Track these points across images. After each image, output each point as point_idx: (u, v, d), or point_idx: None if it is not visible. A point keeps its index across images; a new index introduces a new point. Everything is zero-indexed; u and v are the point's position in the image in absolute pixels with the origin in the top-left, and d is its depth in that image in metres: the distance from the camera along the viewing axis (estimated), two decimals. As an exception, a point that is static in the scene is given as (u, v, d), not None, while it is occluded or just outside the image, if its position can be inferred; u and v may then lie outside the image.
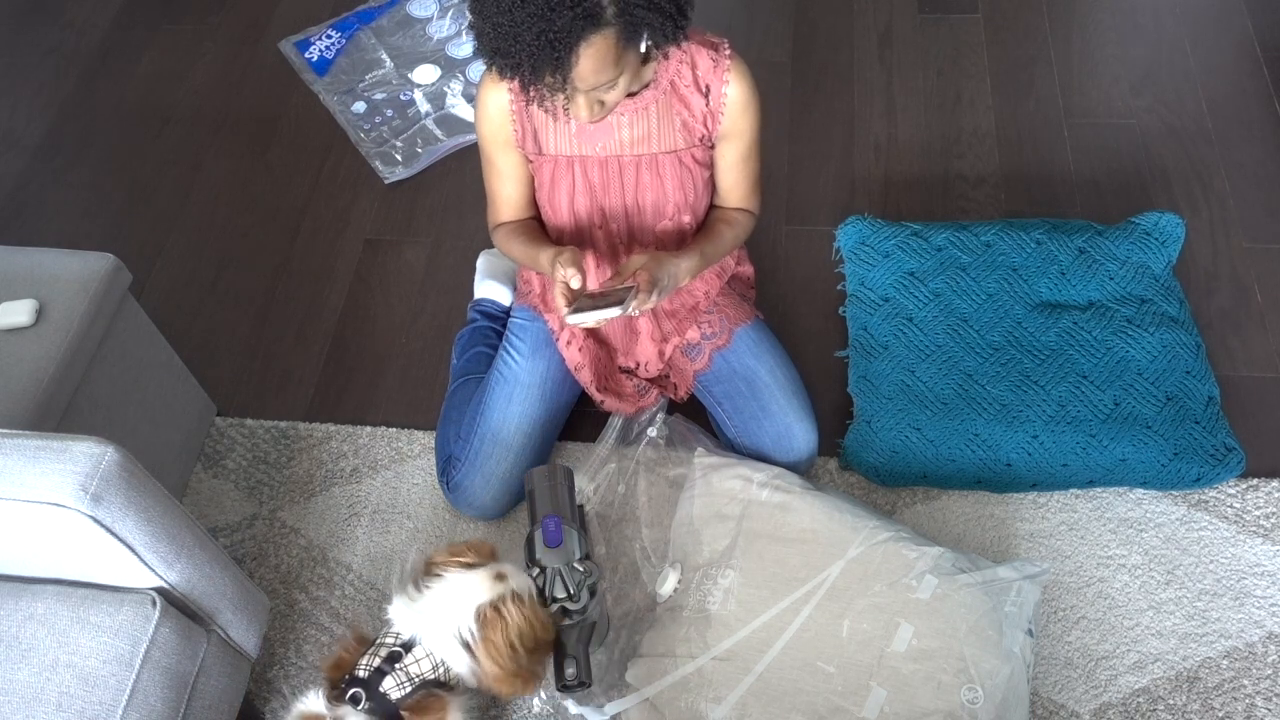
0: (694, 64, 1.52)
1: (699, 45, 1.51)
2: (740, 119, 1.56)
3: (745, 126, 1.58)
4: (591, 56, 1.29)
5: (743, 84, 1.54)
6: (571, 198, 1.61)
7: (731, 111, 1.55)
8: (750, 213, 1.71)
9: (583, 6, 1.24)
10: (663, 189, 1.59)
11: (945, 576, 1.51)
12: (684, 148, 1.57)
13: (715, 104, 1.54)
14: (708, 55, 1.51)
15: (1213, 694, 1.59)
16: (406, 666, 1.33)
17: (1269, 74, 2.35)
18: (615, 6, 1.27)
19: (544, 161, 1.59)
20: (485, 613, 1.32)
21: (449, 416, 1.85)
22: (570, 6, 1.23)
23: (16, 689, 1.25)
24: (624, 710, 1.54)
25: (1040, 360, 1.83)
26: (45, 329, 1.56)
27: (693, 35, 1.50)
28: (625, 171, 1.58)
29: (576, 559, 1.47)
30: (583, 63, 1.30)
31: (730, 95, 1.53)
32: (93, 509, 1.20)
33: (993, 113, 2.37)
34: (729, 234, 1.66)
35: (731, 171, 1.64)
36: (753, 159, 1.64)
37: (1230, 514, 1.75)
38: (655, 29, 1.34)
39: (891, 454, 1.78)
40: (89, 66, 2.67)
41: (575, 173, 1.58)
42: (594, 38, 1.27)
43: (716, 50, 1.52)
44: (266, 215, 2.33)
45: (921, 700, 1.43)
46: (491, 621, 1.32)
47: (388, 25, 2.66)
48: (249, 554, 1.83)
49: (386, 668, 1.33)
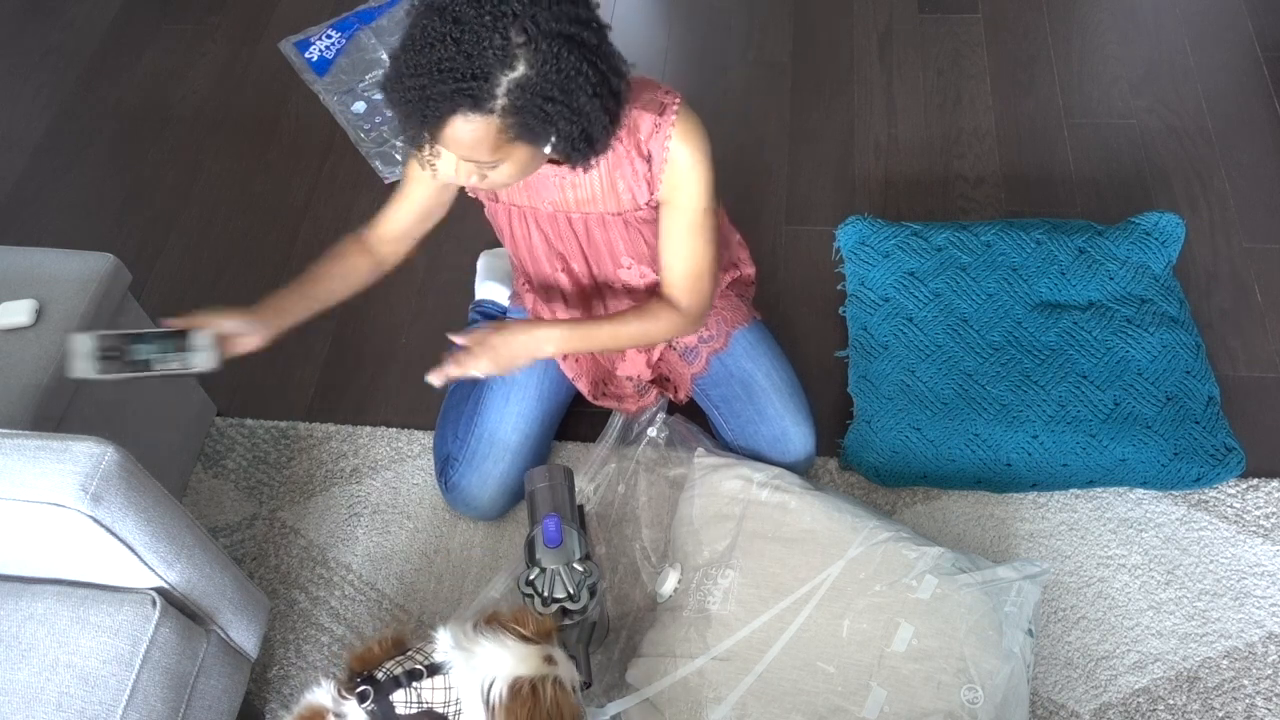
0: (636, 128, 1.40)
1: (642, 109, 1.38)
2: (681, 186, 1.43)
3: (688, 195, 1.44)
4: (464, 132, 1.20)
5: (685, 147, 1.40)
6: (529, 243, 1.61)
7: (670, 176, 1.42)
8: (674, 309, 1.53)
9: (469, 86, 1.15)
10: (613, 244, 1.57)
11: (945, 576, 1.51)
12: (629, 209, 1.49)
13: (657, 169, 1.42)
14: (651, 119, 1.39)
15: (1213, 694, 1.59)
16: (421, 688, 1.30)
17: (1269, 74, 2.35)
18: (506, 101, 1.17)
19: (498, 208, 1.58)
20: (522, 686, 1.28)
21: (447, 416, 1.85)
22: (456, 80, 1.15)
23: (16, 689, 1.25)
24: (624, 710, 1.54)
25: (1040, 360, 1.83)
26: (45, 329, 1.56)
27: (643, 91, 1.39)
28: (575, 225, 1.55)
29: (576, 559, 1.48)
30: (452, 133, 1.21)
31: (670, 158, 1.41)
32: (93, 509, 1.20)
33: (993, 113, 2.37)
34: (633, 324, 1.53)
35: (669, 243, 1.49)
36: (696, 239, 1.47)
37: (1230, 514, 1.75)
38: (559, 147, 1.25)
39: (891, 454, 1.78)
40: (89, 66, 2.67)
41: (529, 221, 1.57)
42: (473, 116, 1.18)
43: (662, 112, 1.39)
44: (266, 215, 2.33)
45: (921, 700, 1.43)
46: (523, 698, 1.28)
47: (388, 25, 2.66)
48: (249, 554, 1.83)
49: (404, 680, 1.30)
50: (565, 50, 1.17)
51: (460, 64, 1.14)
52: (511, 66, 1.16)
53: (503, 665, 1.30)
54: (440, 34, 1.15)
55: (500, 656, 1.30)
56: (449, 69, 1.15)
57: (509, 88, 1.17)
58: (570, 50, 1.18)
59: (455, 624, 1.35)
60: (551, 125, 1.21)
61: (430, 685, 1.31)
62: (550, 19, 1.16)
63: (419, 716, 1.30)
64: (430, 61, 1.15)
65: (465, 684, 1.30)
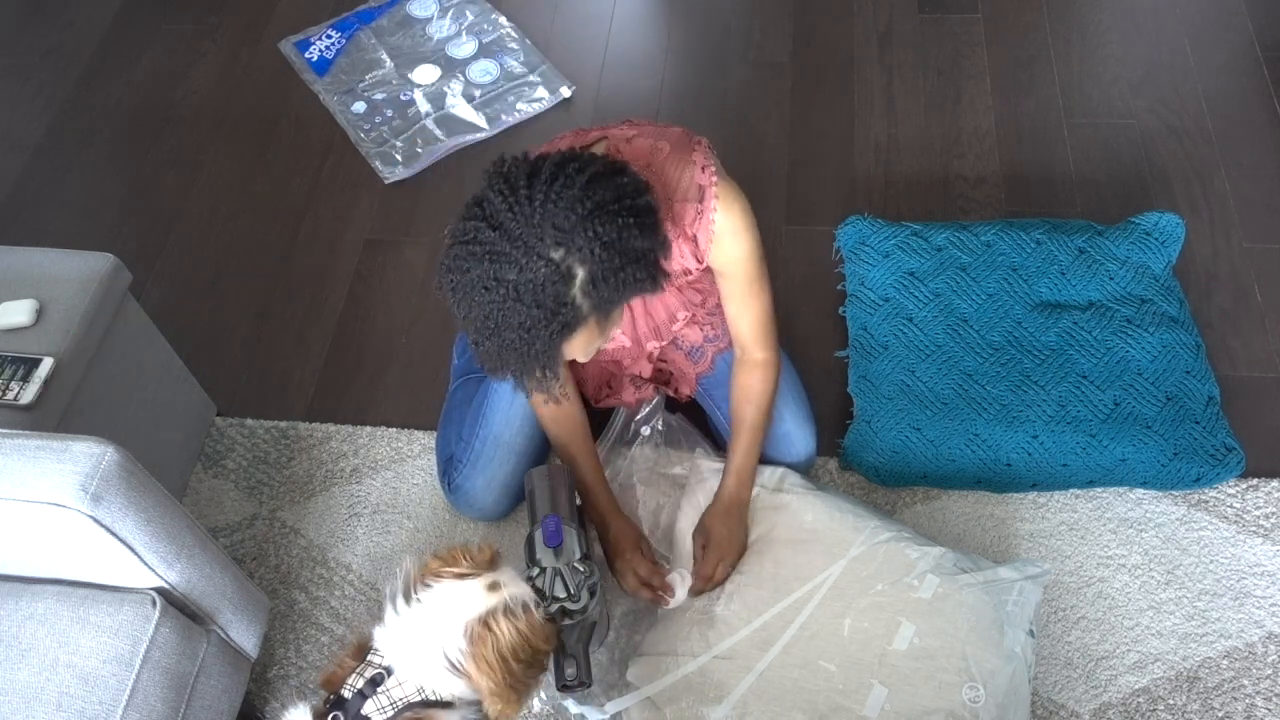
0: (680, 218, 1.43)
1: (683, 201, 1.42)
2: (731, 254, 1.47)
3: (739, 260, 1.49)
4: (576, 346, 1.27)
5: (729, 220, 1.43)
6: None
7: (719, 250, 1.46)
8: (766, 361, 1.62)
9: (556, 321, 1.19)
10: (670, 304, 1.60)
11: (947, 576, 1.51)
12: (678, 276, 1.52)
13: (704, 246, 1.46)
14: (693, 209, 1.42)
15: (1213, 694, 1.59)
16: (390, 690, 1.28)
17: (1269, 74, 2.35)
18: (588, 302, 1.20)
19: None
20: (474, 629, 1.27)
21: (450, 417, 1.84)
22: (545, 325, 1.19)
23: (16, 689, 1.25)
24: (625, 708, 1.54)
25: (1040, 360, 1.83)
26: (45, 329, 1.56)
27: (676, 172, 1.41)
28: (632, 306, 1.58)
29: (576, 559, 1.47)
30: (570, 353, 1.28)
31: (716, 234, 1.44)
32: (93, 509, 1.20)
33: (993, 113, 2.37)
34: (749, 414, 1.62)
35: (732, 305, 1.56)
36: (757, 292, 1.55)
37: (1230, 514, 1.75)
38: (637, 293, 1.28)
39: (891, 454, 1.78)
40: (89, 66, 2.67)
41: None
42: (574, 335, 1.24)
43: (701, 198, 1.42)
44: (266, 215, 2.33)
45: (923, 699, 1.43)
46: (481, 637, 1.27)
47: (388, 25, 2.66)
48: (249, 554, 1.83)
49: (369, 691, 1.27)
50: (598, 225, 1.18)
51: (537, 315, 1.18)
52: (571, 276, 1.18)
53: (448, 620, 1.27)
54: (503, 296, 1.17)
55: (440, 612, 1.28)
56: (536, 323, 1.18)
57: (583, 292, 1.20)
58: (602, 222, 1.18)
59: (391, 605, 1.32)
60: (633, 285, 1.23)
61: (396, 682, 1.28)
62: (566, 217, 1.17)
63: (402, 713, 1.27)
64: (518, 322, 1.18)
65: (422, 669, 1.28)
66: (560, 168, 1.20)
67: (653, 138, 1.43)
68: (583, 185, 1.19)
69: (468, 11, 2.66)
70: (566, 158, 1.22)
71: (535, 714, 1.62)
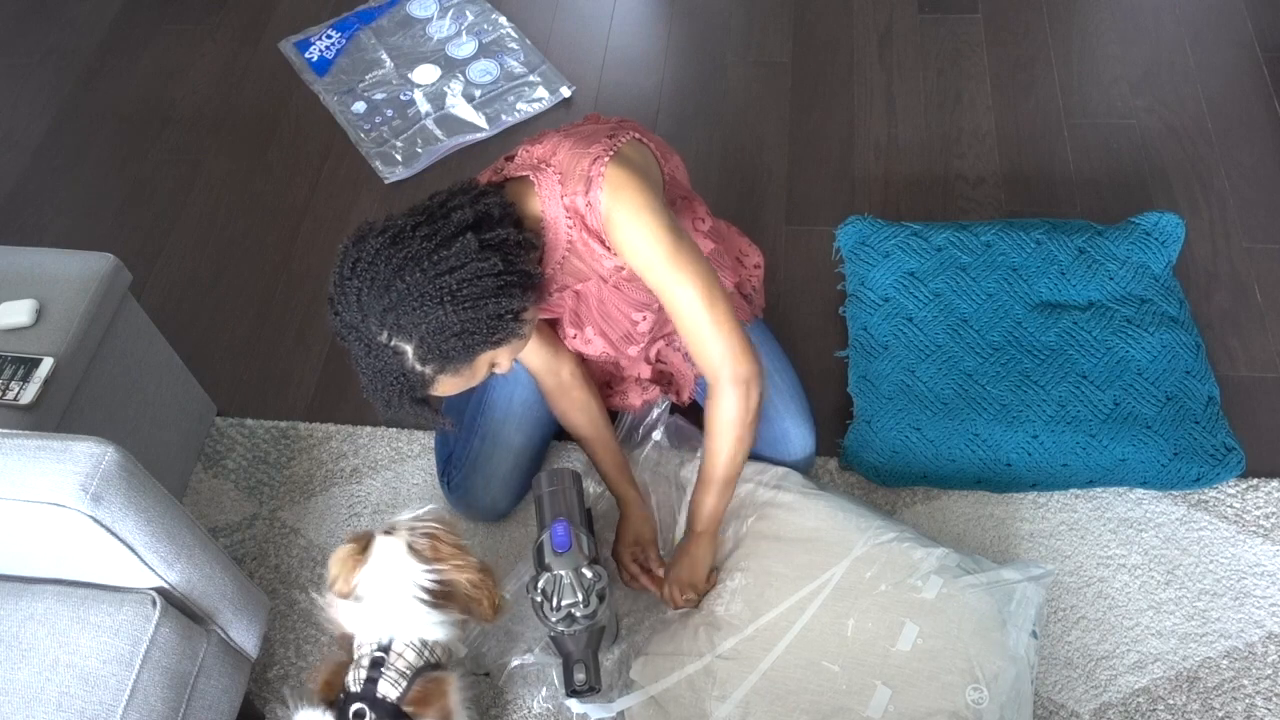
0: (579, 214, 1.36)
1: (574, 196, 1.35)
2: (629, 246, 1.36)
3: (642, 252, 1.35)
4: (443, 389, 1.32)
5: (615, 209, 1.33)
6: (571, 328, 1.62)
7: (617, 242, 1.37)
8: (722, 385, 1.42)
9: (408, 382, 1.27)
10: (621, 313, 1.57)
11: (950, 577, 1.51)
12: (610, 274, 1.47)
13: (609, 240, 1.39)
14: (584, 202, 1.35)
15: (1213, 694, 1.59)
16: (394, 664, 1.32)
17: (1269, 74, 2.35)
18: (433, 365, 1.26)
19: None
20: (419, 546, 1.36)
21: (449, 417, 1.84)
22: (400, 388, 1.27)
23: (16, 689, 1.25)
24: (628, 707, 1.54)
25: (1040, 360, 1.83)
26: (45, 329, 1.56)
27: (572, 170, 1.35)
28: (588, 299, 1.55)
29: (585, 564, 1.47)
30: (439, 392, 1.32)
31: (603, 210, 1.34)
32: (93, 509, 1.20)
33: (993, 113, 2.37)
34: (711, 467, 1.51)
35: (667, 306, 1.41)
36: (685, 283, 1.36)
37: (1230, 514, 1.75)
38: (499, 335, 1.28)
39: (892, 454, 1.78)
40: (89, 66, 2.67)
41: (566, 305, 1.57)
42: (436, 387, 1.31)
43: (588, 189, 1.34)
44: (266, 215, 2.33)
45: (926, 699, 1.43)
46: (431, 547, 1.36)
47: (388, 25, 2.66)
48: (249, 554, 1.83)
49: (375, 674, 1.32)
50: (402, 318, 1.23)
51: (390, 380, 1.27)
52: (402, 353, 1.25)
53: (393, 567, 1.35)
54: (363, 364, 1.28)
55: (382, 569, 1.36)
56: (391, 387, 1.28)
57: (420, 362, 1.26)
58: (405, 313, 1.23)
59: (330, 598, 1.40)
60: (470, 350, 1.27)
61: (396, 654, 1.34)
62: (378, 304, 1.23)
63: (414, 682, 1.33)
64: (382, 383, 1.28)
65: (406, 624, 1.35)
66: (379, 253, 1.24)
67: (574, 136, 1.39)
68: (393, 270, 1.23)
69: (468, 11, 2.66)
70: (400, 229, 1.26)
71: (535, 714, 1.62)
